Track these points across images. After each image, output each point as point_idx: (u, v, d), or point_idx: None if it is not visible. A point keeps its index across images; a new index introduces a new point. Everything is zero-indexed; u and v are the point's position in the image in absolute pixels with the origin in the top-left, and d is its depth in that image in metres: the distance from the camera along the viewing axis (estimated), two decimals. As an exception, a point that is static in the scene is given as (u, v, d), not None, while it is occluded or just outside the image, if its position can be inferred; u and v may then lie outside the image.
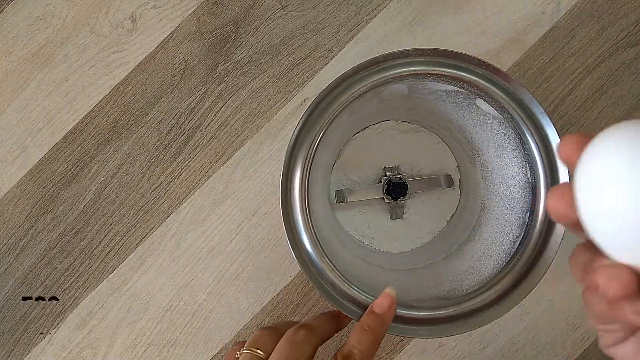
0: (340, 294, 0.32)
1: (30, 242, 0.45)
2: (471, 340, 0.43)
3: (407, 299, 0.33)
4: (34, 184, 0.45)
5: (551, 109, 0.44)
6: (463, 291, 0.33)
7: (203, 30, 0.45)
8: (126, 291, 0.44)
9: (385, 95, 0.36)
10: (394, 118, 0.43)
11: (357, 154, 0.43)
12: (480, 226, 0.38)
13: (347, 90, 0.33)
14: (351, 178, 0.43)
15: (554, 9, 0.45)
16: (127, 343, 0.44)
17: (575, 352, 0.43)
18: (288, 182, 0.33)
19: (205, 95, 0.45)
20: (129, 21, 0.46)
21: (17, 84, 0.46)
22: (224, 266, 0.44)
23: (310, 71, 0.45)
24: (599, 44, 0.44)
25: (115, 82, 0.45)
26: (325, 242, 0.33)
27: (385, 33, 0.45)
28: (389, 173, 0.42)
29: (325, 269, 0.32)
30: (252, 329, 0.44)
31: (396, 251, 0.42)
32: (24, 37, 0.46)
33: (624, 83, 0.44)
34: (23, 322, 0.44)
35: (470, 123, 0.37)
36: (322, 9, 0.45)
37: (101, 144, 0.45)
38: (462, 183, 0.43)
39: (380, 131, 0.43)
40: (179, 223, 0.44)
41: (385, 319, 0.31)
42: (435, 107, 0.38)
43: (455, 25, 0.45)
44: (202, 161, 0.45)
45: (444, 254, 0.40)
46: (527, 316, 0.43)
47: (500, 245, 0.34)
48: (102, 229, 0.45)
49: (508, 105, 0.33)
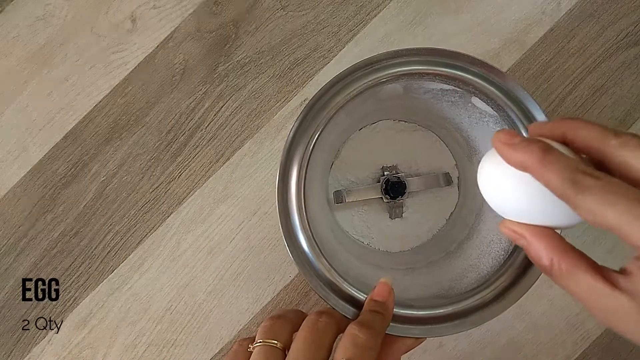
0: (338, 294, 0.32)
1: (30, 242, 0.45)
2: (471, 340, 0.43)
3: (406, 298, 0.33)
4: (34, 184, 0.45)
5: (551, 109, 0.44)
6: (462, 289, 0.33)
7: (203, 30, 0.46)
8: (126, 291, 0.44)
9: (381, 95, 0.36)
10: (391, 117, 0.43)
11: (354, 154, 0.43)
12: (479, 224, 0.38)
13: (343, 90, 0.33)
14: (349, 178, 0.43)
15: (554, 9, 0.45)
16: (127, 343, 0.44)
17: (575, 352, 0.43)
18: (284, 183, 0.33)
19: (205, 95, 0.45)
20: (129, 21, 0.46)
21: (17, 84, 0.46)
22: (224, 266, 0.44)
23: (310, 71, 0.45)
24: (599, 44, 0.44)
25: (115, 82, 0.45)
26: (323, 242, 0.33)
27: (385, 33, 0.45)
28: (387, 172, 0.42)
29: (323, 269, 0.32)
30: (252, 329, 0.44)
31: (395, 250, 0.42)
32: (24, 37, 0.46)
33: (624, 83, 0.44)
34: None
35: (466, 121, 0.37)
36: (322, 9, 0.45)
37: (101, 144, 0.45)
38: (460, 181, 0.43)
39: (378, 131, 0.43)
40: (179, 223, 0.44)
41: (388, 305, 0.30)
42: (432, 106, 0.38)
43: (455, 25, 0.45)
44: (202, 161, 0.45)
45: (443, 253, 0.40)
46: (527, 316, 0.43)
47: (498, 243, 0.34)
48: (102, 229, 0.45)
49: (503, 103, 0.33)
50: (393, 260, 0.42)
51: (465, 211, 0.41)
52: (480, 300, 0.32)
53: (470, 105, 0.35)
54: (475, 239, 0.37)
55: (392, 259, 0.42)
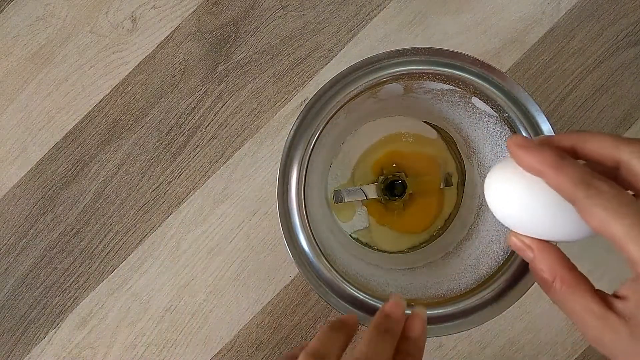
0: (338, 294, 0.32)
1: (30, 242, 0.45)
2: (471, 340, 0.43)
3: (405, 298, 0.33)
4: (34, 184, 0.45)
5: (551, 109, 0.44)
6: (461, 290, 0.33)
7: (203, 30, 0.46)
8: (126, 291, 0.44)
9: (381, 95, 0.36)
10: (390, 117, 0.43)
11: (354, 153, 0.43)
12: (478, 224, 0.38)
13: (343, 90, 0.33)
14: (348, 177, 0.43)
15: (554, 9, 0.45)
16: (127, 343, 0.44)
17: (575, 352, 0.43)
18: (285, 183, 0.33)
19: (205, 95, 0.45)
20: (129, 21, 0.46)
21: (17, 84, 0.46)
22: (224, 266, 0.44)
23: (310, 71, 0.45)
24: (599, 44, 0.44)
25: (115, 82, 0.45)
26: (323, 242, 0.33)
27: (385, 33, 0.45)
28: (387, 172, 0.42)
29: (323, 269, 0.32)
30: (252, 329, 0.44)
31: (394, 250, 0.42)
32: (24, 37, 0.46)
33: (624, 83, 0.44)
34: (23, 322, 0.44)
35: (466, 122, 0.37)
36: (322, 9, 0.45)
37: (101, 144, 0.45)
38: (459, 182, 0.43)
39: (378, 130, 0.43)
40: (179, 223, 0.44)
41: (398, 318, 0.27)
42: (432, 106, 0.38)
43: (455, 25, 0.45)
44: (202, 161, 0.45)
45: (442, 253, 0.40)
46: (527, 316, 0.43)
47: (498, 243, 0.34)
48: (102, 229, 0.45)
49: (503, 103, 0.33)
50: (392, 260, 0.42)
51: (465, 211, 0.41)
52: (480, 300, 0.32)
53: (471, 105, 0.35)
54: (475, 239, 0.37)
55: (391, 259, 0.42)
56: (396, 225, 0.43)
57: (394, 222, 0.43)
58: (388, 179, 0.41)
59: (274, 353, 0.43)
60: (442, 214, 0.43)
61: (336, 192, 0.41)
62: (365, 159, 0.43)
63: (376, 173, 0.43)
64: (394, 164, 0.43)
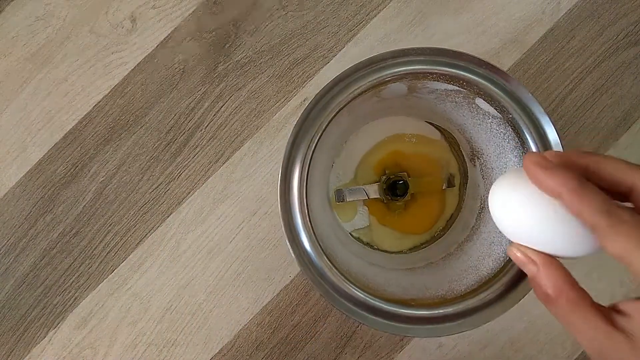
0: (339, 293, 0.32)
1: (30, 242, 0.45)
2: (471, 340, 0.43)
3: (406, 298, 0.33)
4: (33, 184, 0.45)
5: (551, 109, 0.44)
6: (462, 290, 0.33)
7: (203, 30, 0.45)
8: (126, 291, 0.44)
9: (384, 94, 0.36)
10: (393, 117, 0.43)
11: (356, 153, 0.43)
12: (479, 226, 0.38)
13: (346, 89, 0.33)
14: (350, 177, 0.43)
15: (554, 9, 0.45)
16: (127, 343, 0.44)
17: (575, 352, 0.43)
18: (286, 181, 0.33)
19: (205, 95, 0.45)
20: (129, 21, 0.46)
21: (16, 84, 0.46)
22: (224, 266, 0.44)
23: (310, 71, 0.45)
24: (599, 44, 0.44)
25: (114, 82, 0.45)
26: (325, 241, 0.33)
27: (385, 33, 0.45)
28: (389, 172, 0.42)
29: (324, 268, 0.32)
30: (252, 329, 0.44)
31: (396, 250, 0.42)
32: (24, 37, 0.46)
33: (624, 83, 0.44)
34: (23, 322, 0.44)
35: (469, 122, 0.37)
36: (322, 9, 0.45)
37: (101, 144, 0.45)
38: (462, 183, 0.43)
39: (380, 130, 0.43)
40: (179, 223, 0.44)
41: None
42: (435, 106, 0.38)
43: (455, 25, 0.45)
44: (202, 161, 0.45)
45: (443, 254, 0.40)
46: (527, 316, 0.43)
47: (499, 245, 0.34)
48: (102, 229, 0.45)
49: (507, 105, 0.33)
50: (393, 260, 0.42)
51: (467, 212, 0.41)
52: (481, 300, 0.32)
53: (474, 106, 0.35)
54: (476, 240, 0.37)
55: (392, 259, 0.42)
56: (397, 226, 0.43)
57: (395, 222, 0.43)
58: (390, 179, 0.41)
59: (274, 353, 0.43)
60: (444, 215, 0.43)
61: (338, 191, 0.41)
62: (368, 159, 0.43)
63: (378, 173, 0.43)
64: (397, 164, 0.43)
